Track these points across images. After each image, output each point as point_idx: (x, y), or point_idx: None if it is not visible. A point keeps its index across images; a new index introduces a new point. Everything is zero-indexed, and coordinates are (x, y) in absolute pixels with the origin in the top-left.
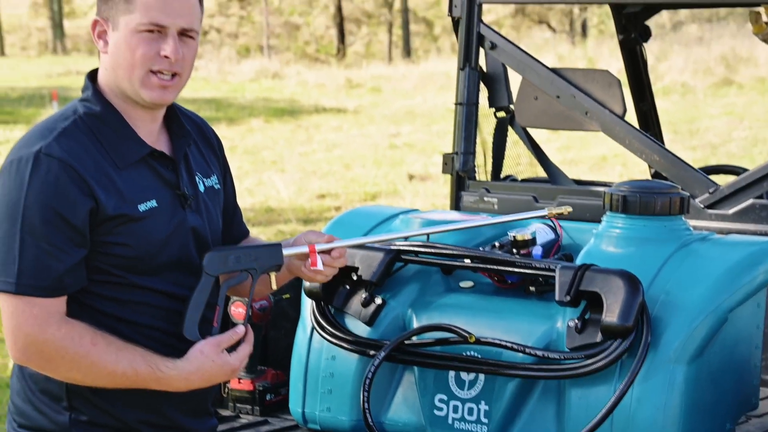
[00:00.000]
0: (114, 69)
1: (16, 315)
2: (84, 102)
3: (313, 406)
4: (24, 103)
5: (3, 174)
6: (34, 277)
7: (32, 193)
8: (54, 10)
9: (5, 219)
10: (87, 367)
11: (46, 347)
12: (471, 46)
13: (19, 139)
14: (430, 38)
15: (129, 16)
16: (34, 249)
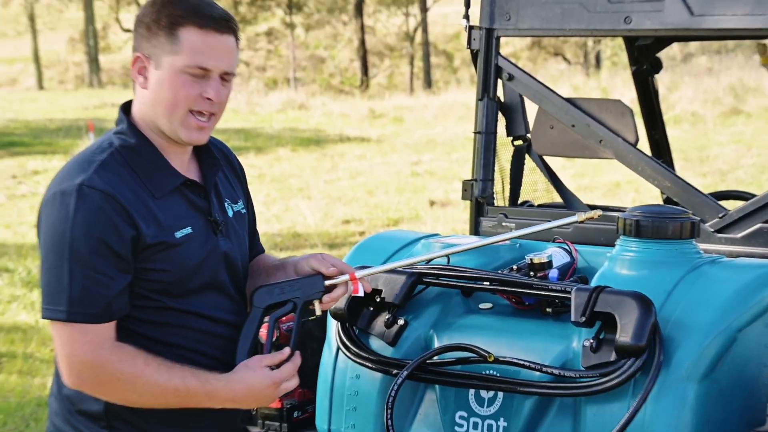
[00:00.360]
0: (153, 105)
1: (70, 342)
2: (119, 134)
3: (338, 423)
4: (62, 134)
5: (47, 207)
6: (84, 305)
7: (78, 224)
8: (90, 46)
9: (52, 250)
10: (141, 387)
11: (102, 371)
12: (489, 77)
13: (58, 170)
14: (449, 70)
15: (174, 57)
16: (82, 278)
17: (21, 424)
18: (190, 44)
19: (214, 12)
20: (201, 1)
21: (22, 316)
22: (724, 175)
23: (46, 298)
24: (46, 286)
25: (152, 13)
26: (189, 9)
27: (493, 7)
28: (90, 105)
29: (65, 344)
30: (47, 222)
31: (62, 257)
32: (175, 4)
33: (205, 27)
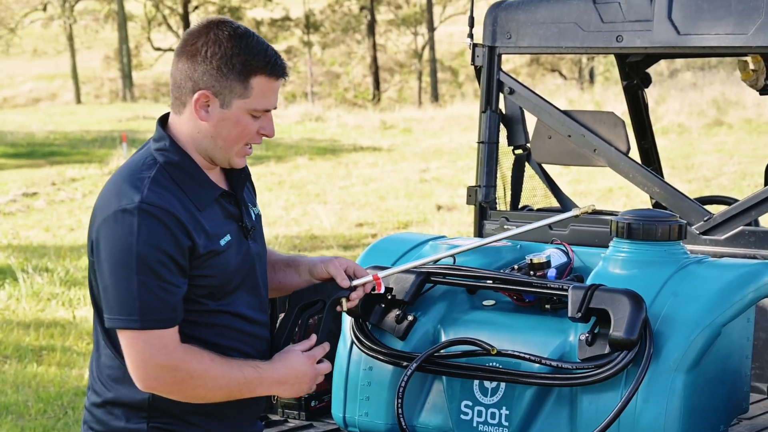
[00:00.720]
0: (213, 138)
1: (146, 348)
2: (162, 152)
3: (352, 411)
4: (97, 145)
5: (107, 225)
6: (156, 312)
7: (142, 239)
8: (124, 63)
9: (119, 265)
10: (211, 382)
11: (178, 372)
12: (492, 91)
13: (106, 188)
14: (455, 85)
15: (244, 100)
16: (151, 288)
17: (60, 412)
18: (260, 90)
19: (279, 61)
20: (267, 47)
21: (61, 312)
22: (708, 181)
23: (115, 309)
24: (115, 299)
25: (222, 56)
26: (263, 58)
27: (495, 27)
28: (123, 118)
29: (140, 351)
30: (110, 238)
31: (130, 270)
32: (247, 51)
33: (274, 76)
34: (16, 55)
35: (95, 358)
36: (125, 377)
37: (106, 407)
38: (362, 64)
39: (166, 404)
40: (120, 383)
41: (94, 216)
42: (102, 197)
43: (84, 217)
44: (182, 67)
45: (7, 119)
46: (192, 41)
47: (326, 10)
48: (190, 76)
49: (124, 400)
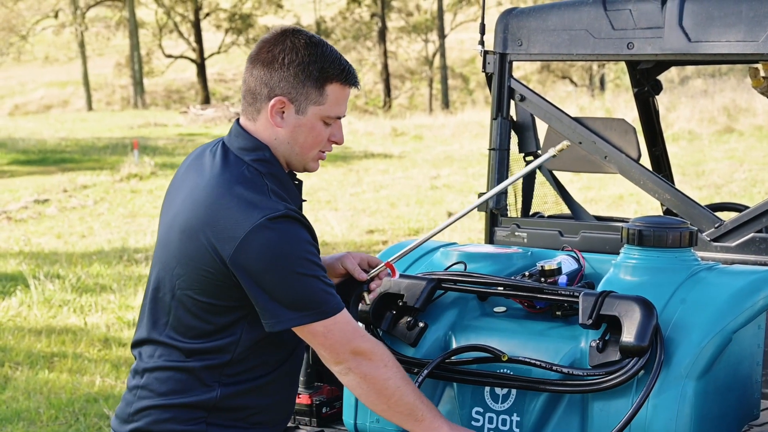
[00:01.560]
0: (290, 144)
1: (343, 334)
2: (263, 162)
3: (363, 418)
4: (108, 152)
5: (259, 236)
6: (333, 298)
7: (296, 239)
8: (135, 70)
9: (285, 271)
10: (392, 386)
11: (370, 353)
12: (503, 98)
13: (229, 205)
14: (466, 92)
15: (319, 107)
16: (320, 279)
17: (71, 418)
18: (334, 98)
19: (353, 70)
20: (341, 57)
21: (72, 318)
22: (718, 188)
23: (298, 308)
24: (292, 300)
25: (300, 63)
26: (338, 66)
27: (506, 34)
28: (135, 125)
29: (338, 338)
30: (266, 249)
31: (297, 270)
32: (324, 59)
33: (348, 84)
34: (28, 62)
35: (147, 359)
36: (189, 381)
37: (166, 409)
38: (373, 71)
39: (230, 405)
40: (183, 386)
41: (221, 229)
42: (225, 213)
43: (95, 224)
44: (257, 73)
45: (19, 126)
46: (268, 48)
47: (337, 17)
48: (266, 83)
49: (186, 402)
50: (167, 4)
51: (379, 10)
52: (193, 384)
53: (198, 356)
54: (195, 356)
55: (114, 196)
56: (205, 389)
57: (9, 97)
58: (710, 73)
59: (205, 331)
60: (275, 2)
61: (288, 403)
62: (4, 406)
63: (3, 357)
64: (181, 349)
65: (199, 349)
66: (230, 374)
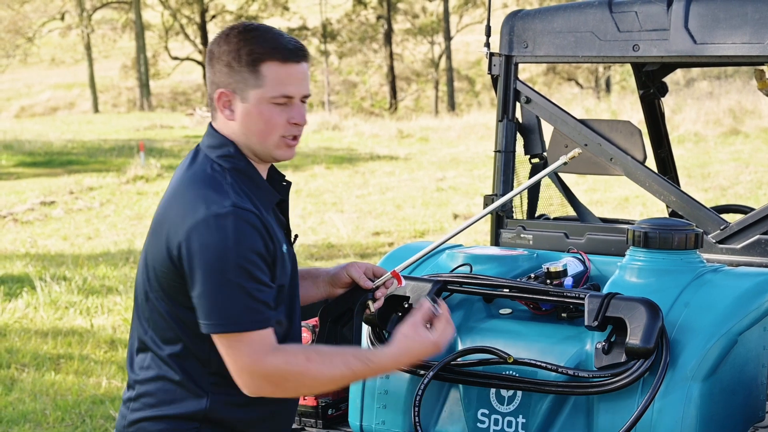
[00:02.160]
0: (246, 134)
1: (244, 354)
2: (227, 158)
3: (369, 419)
4: (115, 154)
5: (200, 231)
6: (253, 314)
7: (238, 242)
8: (141, 72)
9: (216, 271)
10: (311, 381)
11: (271, 376)
12: (508, 100)
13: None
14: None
15: (259, 90)
16: (247, 290)
17: (77, 420)
18: (274, 77)
19: (289, 44)
20: (275, 34)
21: (78, 320)
22: (724, 190)
23: (214, 315)
24: (213, 304)
25: (231, 51)
26: (268, 45)
27: (512, 36)
28: (141, 127)
29: (239, 357)
30: (205, 245)
31: (226, 276)
32: (252, 41)
33: (285, 60)
34: (34, 64)
35: (138, 371)
36: (178, 392)
37: (157, 420)
38: (379, 73)
39: (220, 416)
40: (173, 396)
41: (172, 225)
42: (179, 206)
43: (102, 225)
44: (207, 74)
45: (25, 128)
46: (210, 48)
47: (343, 19)
48: (211, 81)
49: (177, 413)
50: (173, 7)
51: (385, 13)
52: (183, 394)
53: (180, 364)
54: (177, 364)
55: (120, 198)
56: (194, 399)
57: (15, 99)
58: (716, 75)
59: (179, 337)
60: (281, 4)
61: (285, 414)
62: (10, 407)
63: (9, 359)
64: (163, 357)
65: (179, 355)
66: (216, 383)
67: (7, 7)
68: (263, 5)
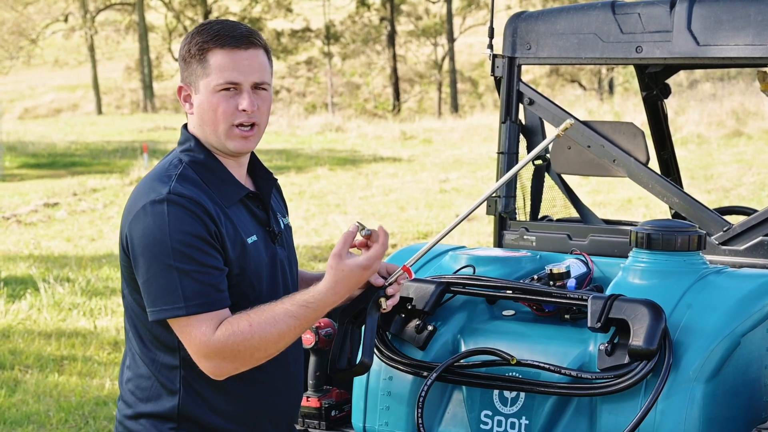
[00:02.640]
0: (201, 126)
1: (187, 334)
2: (187, 152)
3: (372, 421)
4: (118, 155)
5: (138, 219)
6: (198, 296)
7: (174, 227)
8: (144, 74)
9: (154, 257)
10: (260, 344)
11: (222, 351)
12: (511, 102)
13: (135, 189)
14: (475, 95)
15: (206, 79)
16: (189, 273)
17: (81, 421)
18: (219, 65)
19: (235, 32)
20: (223, 24)
21: (82, 322)
22: (727, 192)
23: (159, 300)
24: (156, 290)
25: (185, 46)
26: (212, 34)
27: (515, 38)
28: (144, 128)
29: (192, 337)
30: (143, 232)
31: (166, 260)
32: (201, 33)
33: (228, 46)
34: (38, 66)
35: (125, 370)
36: (153, 388)
37: (136, 419)
38: (382, 75)
39: (194, 413)
40: (148, 394)
41: (124, 216)
42: (132, 198)
43: (105, 227)
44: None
45: (29, 130)
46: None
47: (346, 21)
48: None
49: (153, 411)
50: (177, 8)
51: (388, 14)
52: (156, 391)
53: (151, 359)
54: (149, 360)
55: (123, 200)
56: (167, 397)
57: (19, 100)
58: (719, 77)
59: (147, 330)
60: (284, 6)
61: (271, 410)
62: (14, 409)
63: (13, 360)
64: (138, 353)
65: (149, 351)
66: (187, 377)
67: (10, 8)
68: (266, 7)
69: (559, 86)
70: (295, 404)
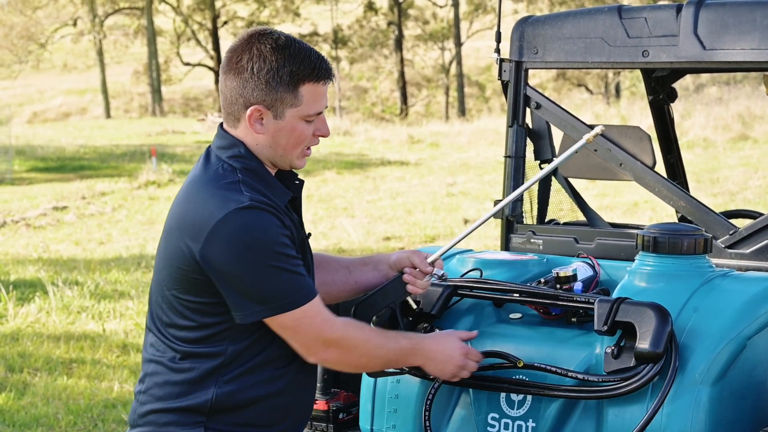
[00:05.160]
0: (273, 147)
1: (312, 326)
2: (238, 158)
3: (380, 423)
4: (127, 159)
5: (222, 228)
6: (302, 288)
7: (262, 230)
8: (153, 78)
9: (254, 261)
10: (373, 351)
11: (344, 342)
12: (518, 105)
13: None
14: (482, 99)
15: (296, 108)
16: (287, 269)
17: (89, 424)
18: (310, 97)
19: (325, 65)
20: (311, 53)
21: (91, 325)
22: (733, 195)
23: (264, 301)
24: (259, 292)
25: (269, 70)
26: (308, 66)
27: (522, 42)
28: (153, 132)
29: (307, 330)
30: (232, 240)
31: (262, 262)
32: (292, 60)
33: (321, 81)
34: (47, 70)
35: (154, 364)
36: (185, 383)
37: (163, 413)
38: (390, 79)
39: (227, 408)
40: (180, 390)
41: (189, 227)
42: (194, 207)
43: (114, 230)
44: (231, 84)
45: (38, 133)
46: (236, 58)
47: (354, 25)
48: (240, 93)
49: (184, 406)
50: (185, 13)
51: (395, 19)
52: (190, 387)
53: (191, 358)
54: (189, 358)
55: (132, 203)
56: (201, 392)
57: (28, 104)
58: (725, 81)
59: (193, 331)
60: (292, 11)
61: (298, 408)
62: (23, 411)
63: (22, 363)
64: (176, 350)
65: (191, 350)
66: (226, 376)
67: (19, 13)
68: (274, 11)
69: (566, 90)
70: (312, 403)
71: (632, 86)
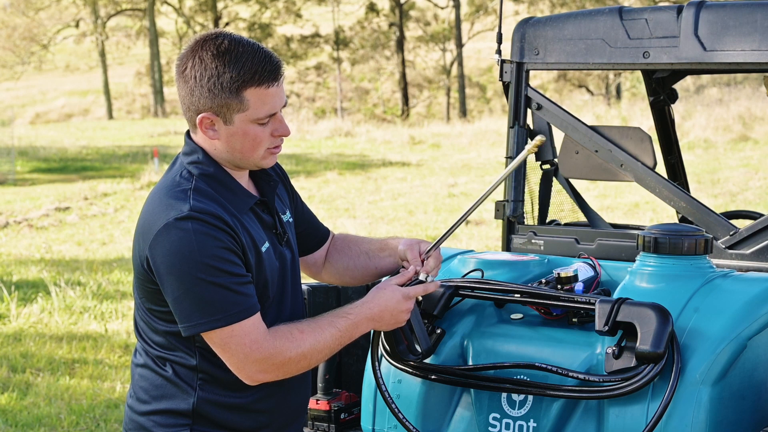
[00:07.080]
0: (230, 152)
1: (240, 346)
2: (196, 164)
3: (381, 423)
4: (129, 160)
5: (163, 238)
6: (235, 306)
7: (201, 244)
8: (155, 79)
9: (186, 274)
10: (311, 354)
11: (273, 357)
12: (519, 107)
13: (149, 205)
14: (483, 100)
15: (244, 113)
16: (223, 285)
17: (92, 424)
18: (257, 100)
19: (269, 65)
20: (255, 56)
21: (93, 325)
22: (734, 196)
23: (195, 315)
24: (191, 305)
25: (210, 77)
26: (248, 71)
27: (523, 43)
28: (155, 133)
29: (236, 350)
30: (169, 250)
31: (197, 275)
32: (231, 66)
33: (264, 84)
34: (49, 71)
35: (136, 367)
36: (168, 387)
37: (148, 415)
38: (391, 80)
39: (210, 411)
40: (163, 392)
41: (140, 234)
42: (146, 215)
43: (116, 231)
44: (181, 92)
45: (40, 134)
46: (182, 65)
47: (355, 26)
48: (189, 101)
49: (167, 408)
50: (187, 14)
51: (397, 20)
52: (172, 390)
53: (167, 362)
54: (164, 362)
55: (134, 204)
56: (184, 396)
57: (30, 105)
58: (725, 82)
59: (165, 336)
60: (294, 12)
61: (285, 409)
62: (25, 411)
63: (24, 363)
64: (152, 355)
65: (164, 355)
66: (203, 382)
67: (22, 14)
68: (276, 13)
69: (566, 91)
70: (304, 402)
71: (633, 87)
